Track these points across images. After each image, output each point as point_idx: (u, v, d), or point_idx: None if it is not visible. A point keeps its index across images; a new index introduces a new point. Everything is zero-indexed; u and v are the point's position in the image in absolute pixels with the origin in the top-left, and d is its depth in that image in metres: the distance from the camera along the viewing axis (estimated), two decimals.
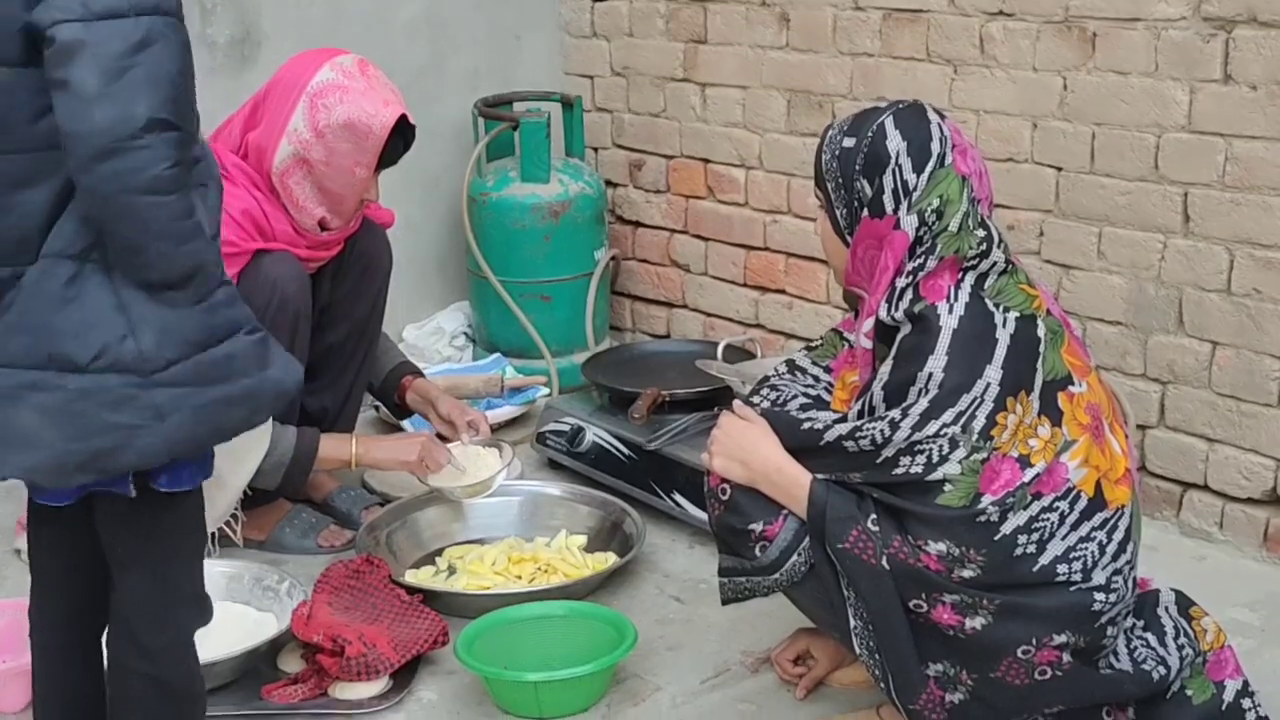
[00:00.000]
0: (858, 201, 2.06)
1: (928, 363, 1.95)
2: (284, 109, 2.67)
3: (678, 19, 3.77)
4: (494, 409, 3.50)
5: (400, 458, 2.84)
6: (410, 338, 3.91)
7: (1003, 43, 3.06)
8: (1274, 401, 2.76)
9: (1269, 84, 2.67)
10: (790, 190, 3.57)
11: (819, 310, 3.57)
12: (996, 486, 1.94)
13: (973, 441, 1.94)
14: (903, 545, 1.97)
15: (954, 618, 1.97)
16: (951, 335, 1.96)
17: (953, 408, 1.94)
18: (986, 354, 1.96)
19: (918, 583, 1.97)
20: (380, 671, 2.33)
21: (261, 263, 2.67)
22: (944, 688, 2.02)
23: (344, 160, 2.68)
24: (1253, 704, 2.12)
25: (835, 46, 3.40)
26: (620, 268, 4.07)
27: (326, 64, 2.69)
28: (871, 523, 1.99)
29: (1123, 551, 2.02)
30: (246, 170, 2.69)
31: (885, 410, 1.99)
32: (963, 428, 1.94)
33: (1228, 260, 2.78)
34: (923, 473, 1.95)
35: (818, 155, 2.12)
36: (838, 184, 2.08)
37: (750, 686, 2.41)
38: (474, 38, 3.95)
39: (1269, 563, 2.81)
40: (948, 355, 1.95)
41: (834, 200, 2.09)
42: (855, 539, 1.99)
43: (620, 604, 2.63)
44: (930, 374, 1.95)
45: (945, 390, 1.94)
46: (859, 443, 1.99)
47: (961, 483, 1.94)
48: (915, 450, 1.95)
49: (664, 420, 3.05)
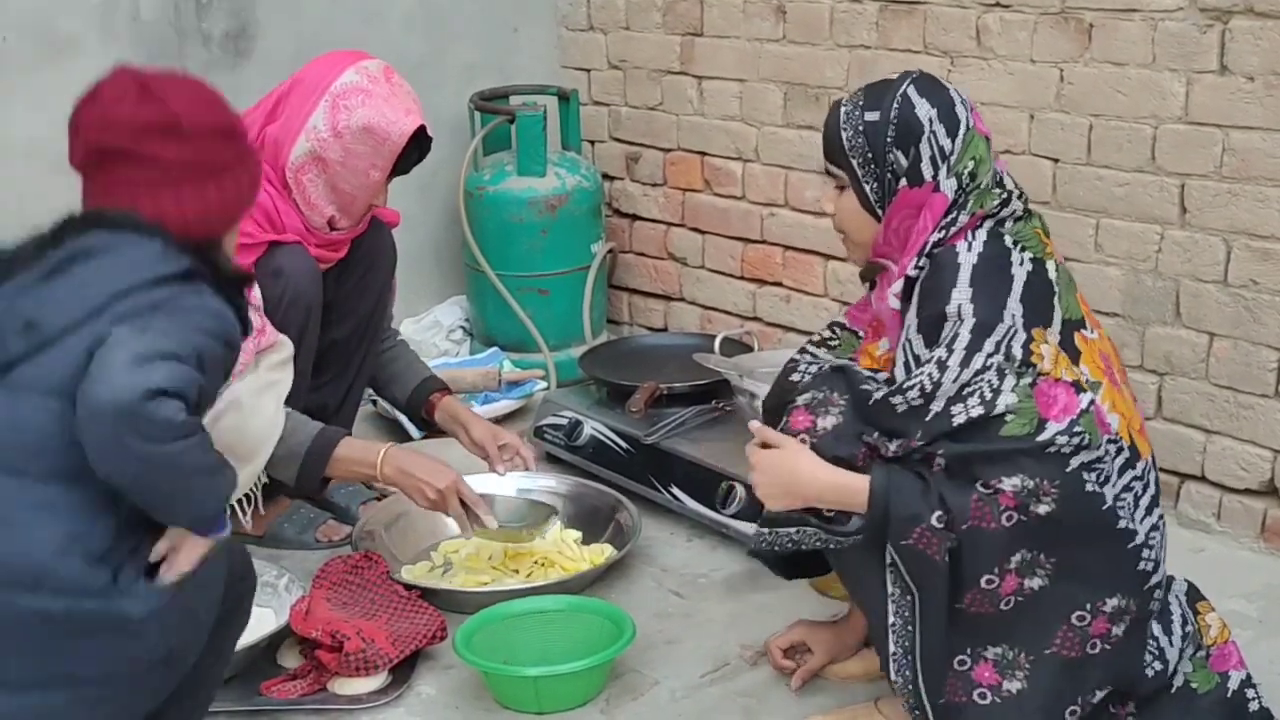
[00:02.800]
0: (891, 174, 2.07)
1: (952, 296, 1.98)
2: (305, 106, 2.69)
3: (674, 12, 3.76)
4: (491, 403, 3.51)
5: (415, 497, 2.66)
6: (407, 331, 3.90)
7: (999, 34, 3.06)
8: (1271, 393, 2.76)
9: (1266, 75, 2.67)
10: (788, 183, 3.57)
11: (816, 303, 3.57)
12: (1056, 412, 1.94)
13: (1016, 368, 1.95)
14: (980, 503, 1.93)
15: (1015, 581, 1.96)
16: (971, 269, 2.00)
17: (991, 336, 1.96)
18: (1006, 286, 2.00)
19: (990, 555, 1.94)
20: (379, 666, 2.33)
21: (275, 255, 2.69)
22: (1001, 673, 2.01)
23: (359, 162, 2.70)
24: (1256, 694, 2.14)
25: (832, 39, 3.40)
26: (617, 261, 4.07)
27: (352, 67, 2.71)
28: (936, 520, 1.94)
29: (1155, 507, 2.05)
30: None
31: (927, 351, 1.99)
32: (1005, 356, 1.95)
33: (1225, 251, 2.78)
34: (983, 411, 1.94)
35: (833, 134, 2.11)
36: (866, 159, 2.08)
37: (749, 680, 2.41)
38: (470, 31, 3.94)
39: (1266, 554, 2.81)
40: (971, 287, 1.99)
41: (862, 176, 2.09)
42: (919, 535, 1.96)
43: (619, 598, 2.64)
44: (959, 305, 1.97)
45: (979, 320, 1.96)
46: (908, 396, 1.98)
47: (1022, 410, 1.93)
48: (966, 394, 1.95)
49: (662, 414, 3.05)
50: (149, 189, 1.85)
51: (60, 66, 3.25)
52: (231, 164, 1.92)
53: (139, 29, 3.35)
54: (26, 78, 3.21)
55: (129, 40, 3.34)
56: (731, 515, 2.78)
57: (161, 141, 1.85)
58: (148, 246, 1.80)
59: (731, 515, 2.78)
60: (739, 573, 2.77)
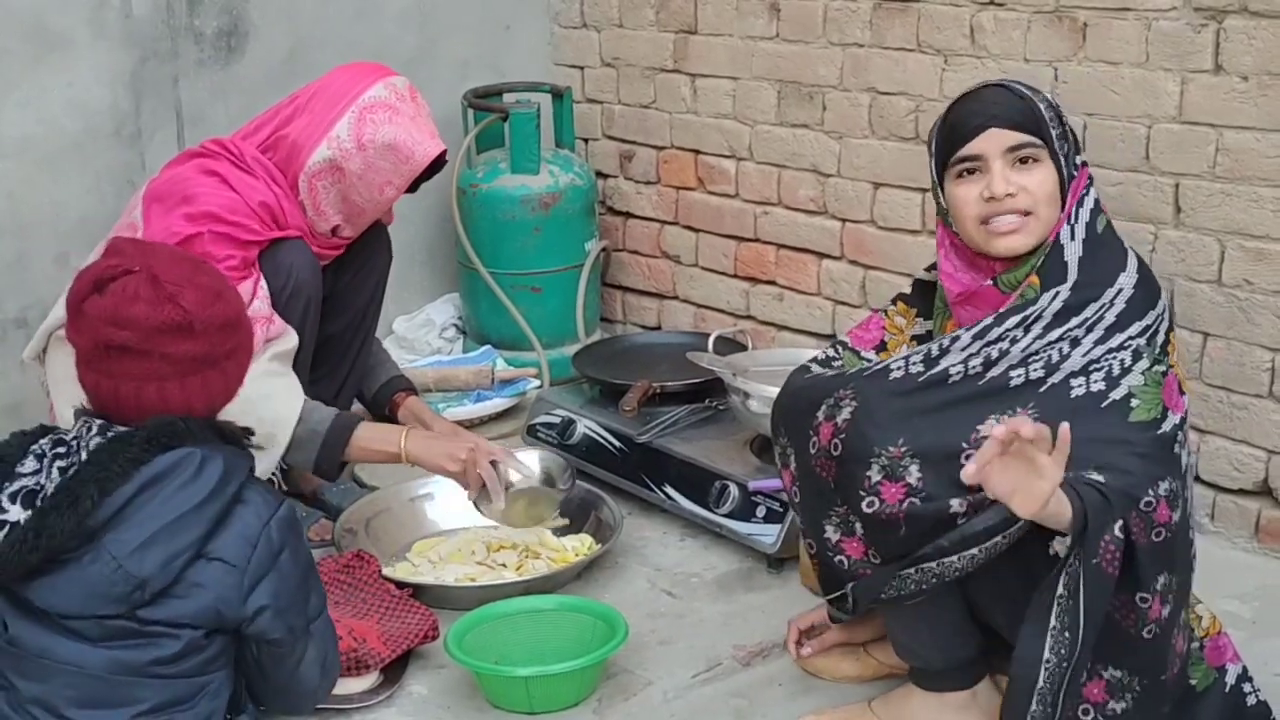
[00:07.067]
0: (1071, 147, 2.09)
1: (1119, 279, 2.00)
2: (329, 114, 2.70)
3: (668, 9, 3.76)
4: (484, 401, 3.50)
5: (443, 463, 2.67)
6: (400, 329, 3.90)
7: (993, 33, 3.06)
8: (1265, 393, 2.76)
9: (1260, 74, 2.66)
10: (781, 181, 3.56)
11: (809, 301, 3.56)
12: (1174, 403, 1.94)
13: (1155, 354, 1.96)
14: (1138, 519, 1.86)
15: (1160, 607, 1.91)
16: (1136, 257, 2.04)
17: (1140, 320, 1.97)
18: (1154, 278, 2.04)
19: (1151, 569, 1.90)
20: (370, 666, 2.32)
21: (278, 249, 2.70)
22: (1111, 693, 1.96)
23: (377, 177, 2.72)
24: (1253, 688, 2.14)
25: (825, 37, 3.39)
26: (611, 259, 4.06)
27: (380, 81, 2.73)
28: (1119, 529, 1.86)
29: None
30: (266, 164, 2.73)
31: (1056, 331, 1.98)
32: (1147, 340, 1.96)
33: (1218, 251, 2.78)
34: (1105, 388, 1.93)
35: (1027, 105, 2.07)
36: (1063, 131, 2.09)
37: (742, 681, 2.41)
38: (463, 28, 3.93)
39: (1260, 554, 2.81)
40: (1138, 274, 2.01)
41: (1059, 149, 2.08)
42: (1103, 548, 1.86)
43: (611, 598, 2.63)
44: (1120, 289, 1.99)
45: (1132, 305, 1.98)
46: (1029, 369, 1.97)
47: (1146, 395, 1.93)
48: (1091, 370, 1.95)
49: (655, 412, 3.05)
50: (157, 380, 1.96)
51: (51, 64, 3.24)
52: (235, 350, 2.04)
53: (130, 26, 3.34)
54: (17, 75, 3.20)
55: (120, 38, 3.32)
56: (725, 514, 2.78)
57: (173, 339, 1.96)
58: (215, 462, 1.96)
59: (725, 514, 2.78)
60: (732, 572, 2.76)
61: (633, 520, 2.93)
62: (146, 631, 1.93)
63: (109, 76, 3.33)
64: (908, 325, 2.29)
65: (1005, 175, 2.06)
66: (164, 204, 2.66)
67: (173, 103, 3.44)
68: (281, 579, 1.99)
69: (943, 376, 2.00)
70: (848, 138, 3.38)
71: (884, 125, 3.29)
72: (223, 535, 1.95)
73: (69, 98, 3.28)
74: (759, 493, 2.73)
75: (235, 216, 2.64)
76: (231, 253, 2.61)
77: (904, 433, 1.93)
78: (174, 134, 3.44)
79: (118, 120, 3.36)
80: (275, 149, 2.74)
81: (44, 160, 3.27)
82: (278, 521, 2.00)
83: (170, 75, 3.42)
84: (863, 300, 3.40)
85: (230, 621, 1.98)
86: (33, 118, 3.24)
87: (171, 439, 1.94)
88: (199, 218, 2.61)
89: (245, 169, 2.70)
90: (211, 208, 2.63)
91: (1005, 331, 2.00)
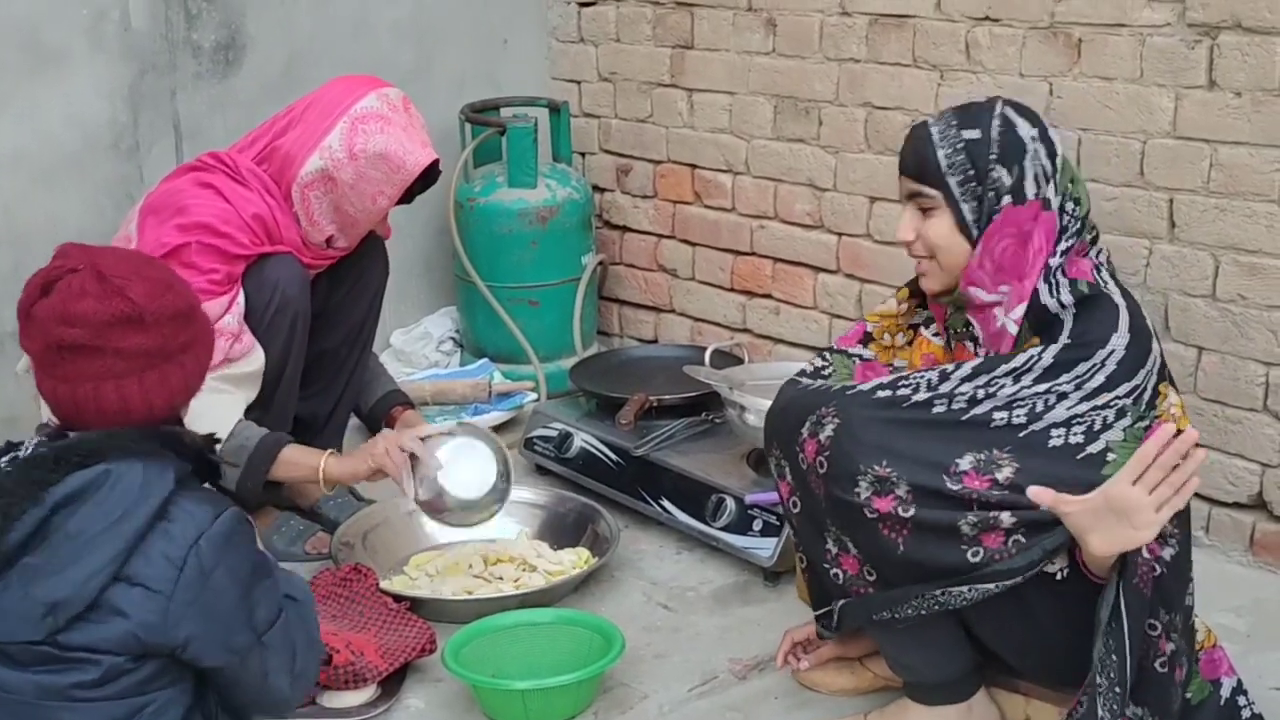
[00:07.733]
0: (994, 192, 2.05)
1: (1111, 339, 2.00)
2: (322, 125, 2.70)
3: (665, 24, 3.77)
4: (481, 414, 3.50)
5: (356, 473, 2.65)
6: (397, 343, 3.90)
7: (989, 48, 3.07)
8: (1259, 407, 2.77)
9: (1254, 90, 2.68)
10: (777, 196, 3.57)
11: (806, 315, 3.57)
12: None
13: (1140, 411, 1.97)
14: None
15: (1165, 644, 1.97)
16: (1130, 315, 2.02)
17: (1129, 381, 1.98)
18: (1149, 340, 2.03)
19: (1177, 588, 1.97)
20: (368, 680, 2.32)
21: (265, 264, 2.70)
22: None
23: (369, 187, 2.72)
24: (1247, 701, 2.15)
25: (822, 52, 3.40)
26: (608, 273, 4.07)
27: (373, 92, 2.74)
28: (1148, 550, 1.90)
29: None
30: (261, 176, 2.73)
31: (1044, 383, 1.98)
32: (1134, 400, 1.98)
33: (1213, 266, 2.79)
34: (1084, 440, 1.95)
35: (927, 153, 2.07)
36: (967, 177, 2.06)
37: (738, 694, 2.41)
38: (461, 42, 3.94)
39: (1255, 567, 2.82)
40: (1130, 333, 2.01)
41: (960, 195, 2.06)
42: (1140, 567, 1.90)
43: (608, 611, 2.63)
44: (1112, 350, 1.99)
45: (1123, 366, 1.98)
46: (1013, 413, 1.98)
47: (1125, 450, 1.94)
48: (1073, 423, 1.96)
49: (652, 426, 3.06)
50: (114, 379, 1.90)
51: (49, 77, 3.24)
52: (191, 344, 1.97)
53: (129, 40, 3.34)
54: (14, 88, 3.20)
55: (118, 51, 3.33)
56: (721, 528, 2.78)
57: (124, 333, 1.89)
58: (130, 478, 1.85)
59: (721, 528, 2.78)
60: (728, 586, 2.77)
61: (629, 534, 2.94)
62: (66, 657, 1.84)
63: (107, 90, 3.33)
64: (906, 313, 2.28)
65: (911, 221, 2.12)
66: (158, 216, 2.66)
67: (170, 116, 3.45)
68: (215, 600, 1.87)
69: (926, 403, 2.02)
70: (844, 152, 3.39)
71: (880, 140, 3.30)
72: (143, 556, 1.83)
73: (67, 111, 3.28)
74: (755, 506, 2.73)
75: (228, 228, 2.64)
76: (216, 266, 2.62)
77: (887, 454, 1.96)
78: (172, 147, 3.45)
79: (116, 133, 3.36)
80: (269, 160, 2.75)
81: (41, 174, 3.28)
82: (210, 539, 1.87)
83: (168, 89, 3.43)
84: (859, 314, 3.41)
85: (156, 649, 1.86)
86: (30, 131, 3.25)
87: (87, 457, 1.85)
88: (191, 228, 2.62)
89: (240, 181, 2.71)
90: (205, 218, 2.63)
91: (994, 379, 2.02)
